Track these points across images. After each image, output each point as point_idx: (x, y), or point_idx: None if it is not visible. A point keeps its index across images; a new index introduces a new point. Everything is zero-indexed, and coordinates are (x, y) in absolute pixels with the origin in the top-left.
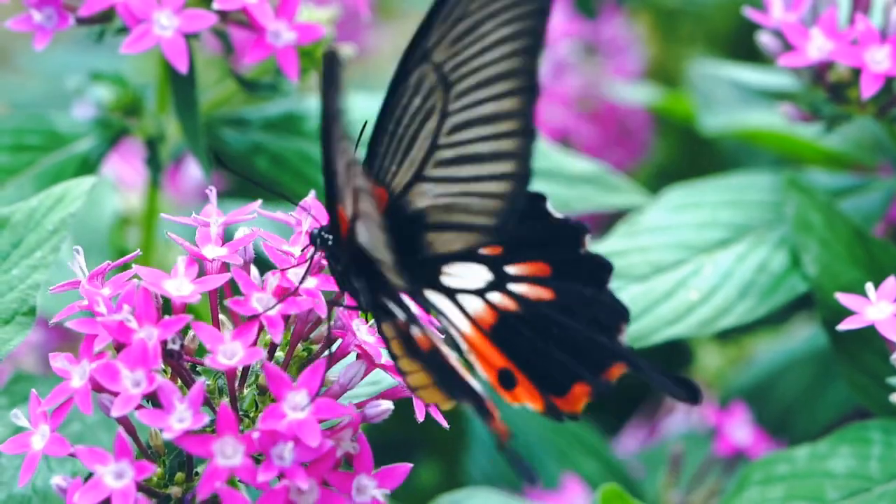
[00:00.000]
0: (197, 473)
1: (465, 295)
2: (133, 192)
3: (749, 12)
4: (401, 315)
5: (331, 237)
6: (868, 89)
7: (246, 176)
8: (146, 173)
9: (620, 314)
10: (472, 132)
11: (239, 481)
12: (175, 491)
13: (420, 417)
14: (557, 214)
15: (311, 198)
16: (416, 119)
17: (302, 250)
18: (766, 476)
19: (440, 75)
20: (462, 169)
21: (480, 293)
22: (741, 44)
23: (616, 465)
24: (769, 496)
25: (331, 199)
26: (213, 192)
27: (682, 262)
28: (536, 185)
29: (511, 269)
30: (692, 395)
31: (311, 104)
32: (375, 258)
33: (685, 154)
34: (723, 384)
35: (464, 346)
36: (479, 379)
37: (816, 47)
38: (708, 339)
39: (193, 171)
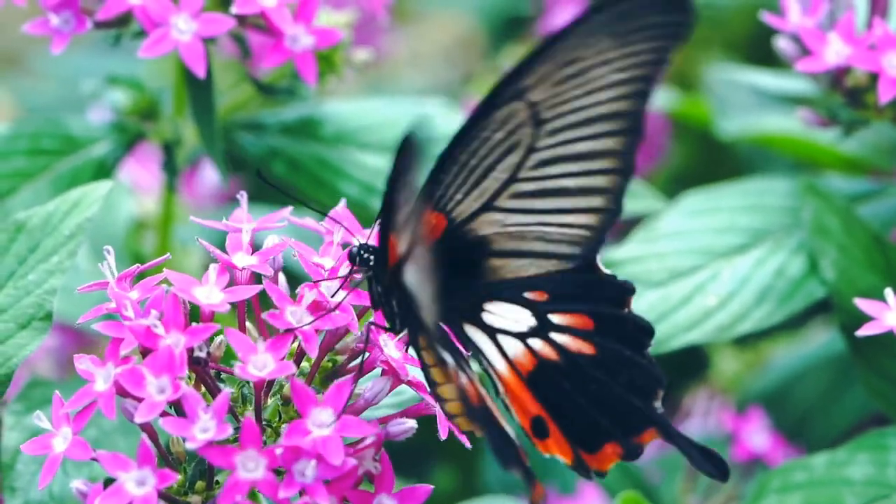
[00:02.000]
0: (217, 482)
1: (506, 336)
2: (149, 197)
3: (766, 17)
4: (450, 361)
5: (373, 258)
6: (886, 94)
7: (281, 187)
8: (162, 178)
9: (657, 380)
10: (560, 168)
11: (258, 493)
12: (195, 500)
13: (443, 435)
14: (606, 270)
15: (341, 207)
16: (495, 152)
17: (334, 264)
18: (784, 484)
19: (533, 113)
20: (543, 202)
21: (522, 337)
22: (758, 48)
23: (633, 470)
24: (787, 503)
25: (385, 226)
26: (243, 198)
27: (699, 268)
28: None
29: (555, 318)
30: (720, 471)
31: (329, 108)
32: (416, 299)
33: (702, 159)
34: (740, 389)
35: (500, 387)
36: (512, 423)
37: (834, 52)
38: (725, 344)
39: (210, 175)
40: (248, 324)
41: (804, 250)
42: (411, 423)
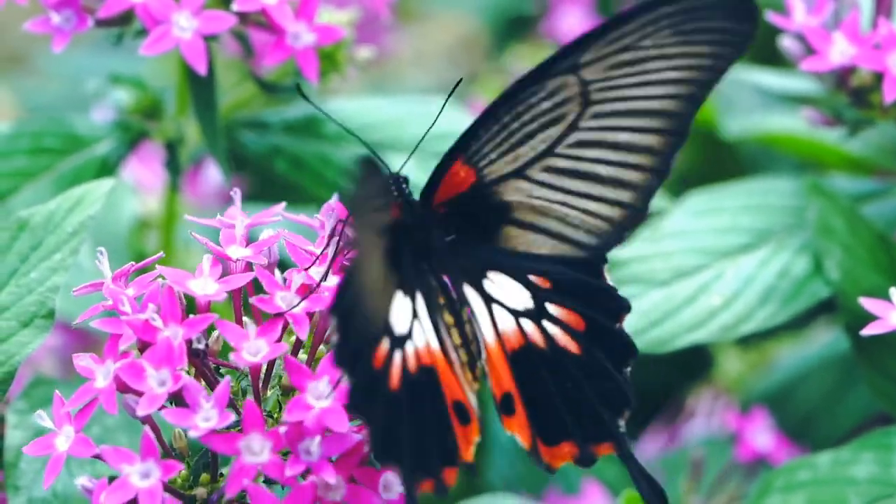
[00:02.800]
0: (222, 475)
1: (501, 309)
2: (152, 196)
3: (771, 16)
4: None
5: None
6: (891, 93)
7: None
8: (165, 176)
9: (627, 400)
10: (597, 153)
11: (263, 481)
12: (200, 492)
13: None
14: (609, 281)
15: (334, 200)
16: (537, 120)
17: (323, 249)
18: (788, 483)
19: (583, 91)
20: (573, 183)
21: (516, 315)
22: (762, 48)
23: None
24: (791, 502)
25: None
26: (237, 194)
27: (703, 268)
28: None
29: (551, 308)
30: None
31: (332, 107)
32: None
33: (706, 158)
34: (744, 389)
35: (483, 354)
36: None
37: (839, 51)
38: (728, 343)
39: (213, 173)
40: (245, 317)
41: (808, 250)
42: None
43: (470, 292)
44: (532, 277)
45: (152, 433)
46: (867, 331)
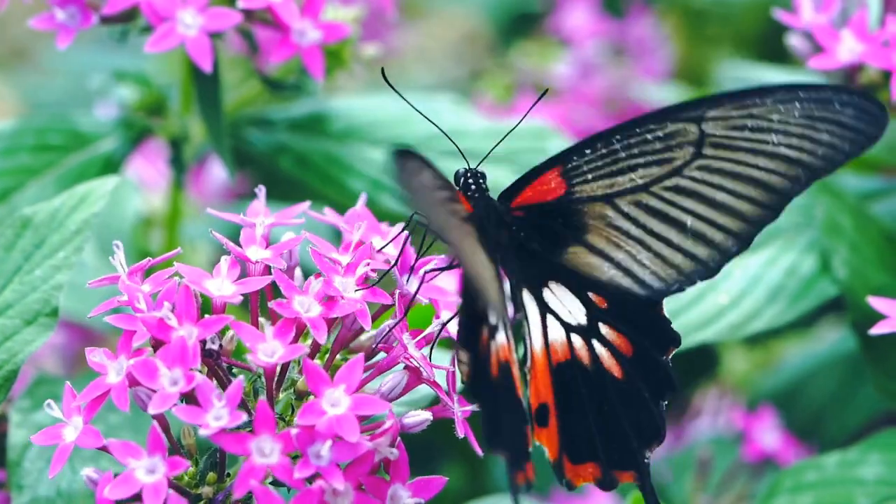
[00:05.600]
0: (229, 475)
1: (554, 320)
2: (156, 193)
3: (779, 14)
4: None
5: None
6: None
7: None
8: (169, 174)
9: (659, 434)
10: (690, 203)
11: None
12: (206, 491)
13: (460, 434)
14: (665, 313)
15: (360, 206)
16: (645, 156)
17: (350, 261)
18: (796, 483)
19: (699, 142)
20: (657, 224)
21: (568, 328)
22: (768, 45)
23: None
24: (799, 503)
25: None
26: (262, 192)
27: None
28: None
29: (603, 328)
30: None
31: (337, 104)
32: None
33: None
34: (751, 388)
35: (529, 361)
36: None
37: (847, 49)
38: (735, 342)
39: (217, 171)
40: (261, 319)
41: (816, 249)
42: (426, 415)
43: (528, 298)
44: (591, 295)
45: (160, 429)
46: (875, 330)
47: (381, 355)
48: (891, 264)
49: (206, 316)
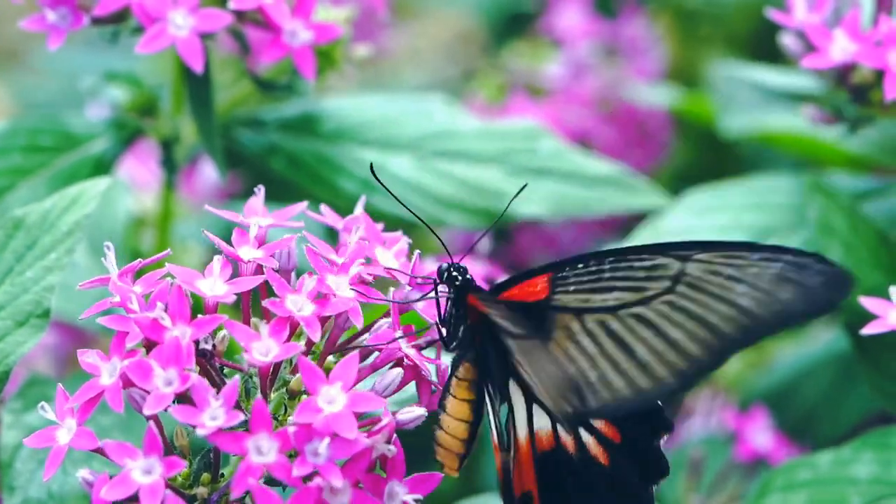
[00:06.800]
0: (223, 475)
1: (540, 409)
2: (147, 194)
3: (771, 13)
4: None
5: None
6: (891, 91)
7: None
8: (161, 174)
9: None
10: (647, 334)
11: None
12: (201, 491)
13: None
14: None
15: (359, 211)
16: (625, 281)
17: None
18: (788, 482)
19: (675, 278)
20: (610, 346)
21: (553, 417)
22: (761, 45)
23: None
24: (791, 502)
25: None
26: (261, 191)
27: None
28: (554, 187)
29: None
30: None
31: (328, 105)
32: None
33: (705, 156)
34: (743, 388)
35: (513, 449)
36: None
37: (840, 49)
38: None
39: (209, 171)
40: (254, 319)
41: (809, 249)
42: (420, 411)
43: (514, 388)
44: None
45: (157, 429)
46: (867, 330)
47: (375, 354)
48: (883, 264)
49: (199, 316)
